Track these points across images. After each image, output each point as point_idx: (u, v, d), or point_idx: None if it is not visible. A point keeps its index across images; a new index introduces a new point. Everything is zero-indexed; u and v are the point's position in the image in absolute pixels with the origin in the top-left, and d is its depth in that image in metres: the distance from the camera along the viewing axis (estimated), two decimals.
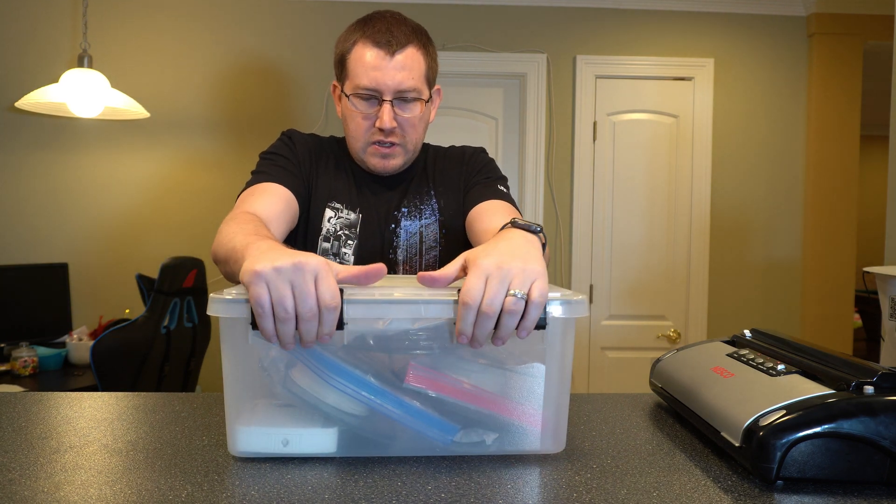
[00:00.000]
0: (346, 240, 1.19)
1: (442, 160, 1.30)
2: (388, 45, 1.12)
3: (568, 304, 0.74)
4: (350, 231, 1.20)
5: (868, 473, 0.68)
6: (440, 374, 0.76)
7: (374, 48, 1.13)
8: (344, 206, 1.21)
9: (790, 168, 3.16)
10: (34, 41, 2.95)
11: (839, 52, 3.09)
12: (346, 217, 1.20)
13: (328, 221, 1.19)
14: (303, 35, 3.03)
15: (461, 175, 1.27)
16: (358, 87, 1.14)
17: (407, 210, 1.23)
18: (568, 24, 3.08)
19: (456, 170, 1.28)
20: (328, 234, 1.19)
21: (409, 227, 1.22)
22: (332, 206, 1.21)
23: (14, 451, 0.77)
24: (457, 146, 1.34)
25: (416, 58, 1.15)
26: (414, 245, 1.21)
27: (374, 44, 1.13)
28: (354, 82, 1.15)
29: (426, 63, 1.18)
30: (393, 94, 1.14)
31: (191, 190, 3.01)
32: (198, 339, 2.71)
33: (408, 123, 1.17)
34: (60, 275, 2.90)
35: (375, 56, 1.13)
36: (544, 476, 0.72)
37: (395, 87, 1.14)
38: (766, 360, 0.83)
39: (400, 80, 1.13)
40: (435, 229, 1.23)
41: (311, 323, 0.67)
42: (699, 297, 3.12)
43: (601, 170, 3.11)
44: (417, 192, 1.25)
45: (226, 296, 0.71)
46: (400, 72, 1.13)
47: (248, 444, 0.75)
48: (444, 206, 1.24)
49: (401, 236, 1.21)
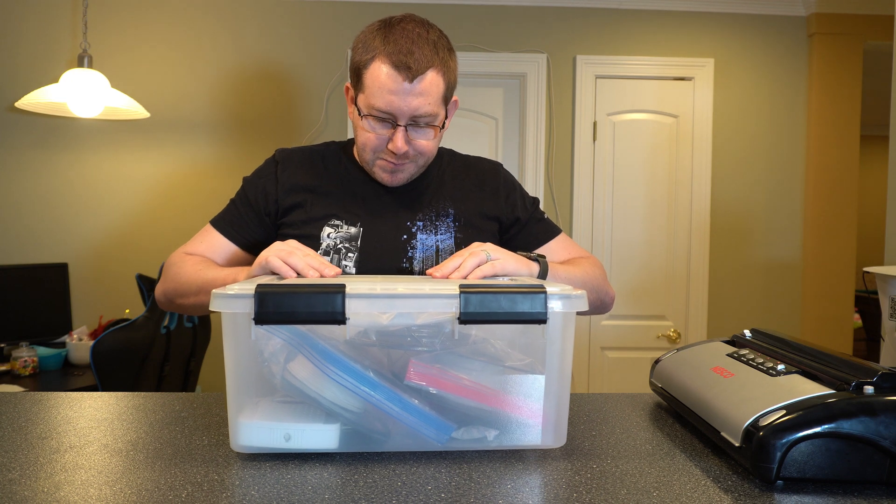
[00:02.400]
0: (346, 252, 1.18)
1: (461, 173, 1.30)
2: (407, 69, 1.08)
3: (568, 299, 0.74)
4: (350, 244, 1.19)
5: (868, 473, 0.68)
6: (441, 370, 0.76)
7: (393, 70, 1.08)
8: (343, 221, 1.20)
9: (790, 168, 3.16)
10: (34, 41, 2.95)
11: (839, 52, 3.09)
12: (345, 231, 1.19)
13: (328, 237, 1.19)
14: (302, 35, 3.03)
15: (494, 200, 1.28)
16: (373, 108, 1.11)
17: (422, 223, 1.22)
18: (568, 24, 3.08)
19: (480, 189, 1.28)
20: (328, 248, 1.18)
21: (425, 241, 1.21)
22: (331, 223, 1.20)
23: (14, 451, 0.77)
24: (471, 158, 1.33)
25: (436, 82, 1.11)
26: (430, 257, 1.20)
27: (392, 65, 1.08)
28: (370, 101, 1.11)
29: (445, 84, 1.14)
30: (408, 120, 1.12)
31: (191, 190, 3.01)
32: (198, 339, 2.71)
33: (420, 142, 1.16)
34: (60, 275, 2.90)
35: (394, 79, 1.08)
36: (544, 476, 0.72)
37: (411, 114, 1.11)
38: (766, 360, 0.83)
39: (416, 105, 1.10)
40: (451, 244, 1.22)
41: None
42: (699, 297, 3.12)
43: (601, 170, 3.11)
44: (433, 207, 1.24)
45: (228, 291, 0.72)
46: (417, 98, 1.10)
47: (250, 439, 0.75)
48: (462, 224, 1.24)
49: (417, 248, 1.21)
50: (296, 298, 0.71)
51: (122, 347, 2.31)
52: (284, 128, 3.03)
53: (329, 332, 0.75)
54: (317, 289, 0.72)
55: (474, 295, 0.73)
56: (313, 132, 3.00)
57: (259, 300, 0.71)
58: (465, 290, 0.73)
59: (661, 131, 3.12)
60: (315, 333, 0.75)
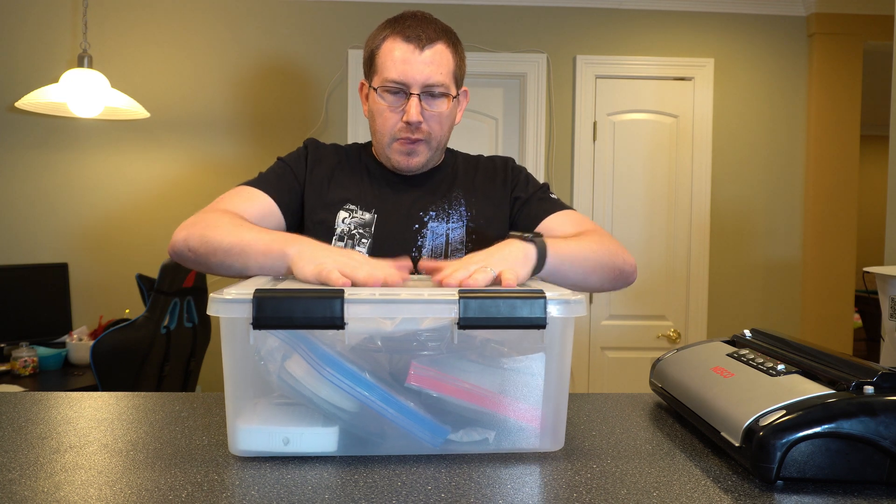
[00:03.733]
0: (360, 238, 1.20)
1: (472, 169, 1.32)
2: (417, 39, 1.15)
3: (566, 304, 0.74)
4: (364, 230, 1.20)
5: (868, 473, 0.68)
6: (441, 373, 0.76)
7: (404, 43, 1.15)
8: (358, 206, 1.22)
9: (790, 168, 3.16)
10: (34, 41, 2.95)
11: (839, 52, 3.09)
12: (360, 217, 1.21)
13: (342, 222, 1.20)
14: (302, 35, 3.03)
15: (503, 188, 1.29)
16: (386, 80, 1.16)
17: (434, 213, 1.24)
18: (568, 24, 3.08)
19: (491, 181, 1.30)
20: (342, 233, 1.20)
21: (435, 229, 1.23)
22: (347, 207, 1.22)
23: (14, 451, 0.77)
24: (483, 156, 1.36)
25: (445, 54, 1.18)
26: (440, 246, 1.22)
27: (403, 39, 1.15)
28: (383, 76, 1.16)
29: (455, 62, 1.20)
30: (421, 88, 1.15)
31: (191, 190, 3.01)
32: (198, 339, 2.71)
33: (434, 119, 1.18)
34: (60, 275, 2.90)
35: (404, 50, 1.15)
36: (544, 476, 0.72)
37: (423, 81, 1.15)
38: (766, 360, 0.83)
39: (428, 74, 1.15)
40: (461, 233, 1.23)
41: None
42: (699, 297, 3.12)
43: (601, 170, 3.11)
44: (446, 197, 1.26)
45: (226, 295, 0.71)
46: (428, 66, 1.15)
47: (249, 444, 0.75)
48: (474, 214, 1.25)
49: (427, 237, 1.22)
50: (294, 303, 0.71)
51: (122, 347, 2.31)
52: (284, 127, 3.03)
53: (332, 338, 0.75)
54: (315, 294, 0.72)
55: (473, 300, 0.72)
56: (313, 132, 3.00)
57: (257, 305, 0.70)
58: (465, 296, 0.73)
59: (661, 131, 3.12)
60: (316, 337, 0.75)
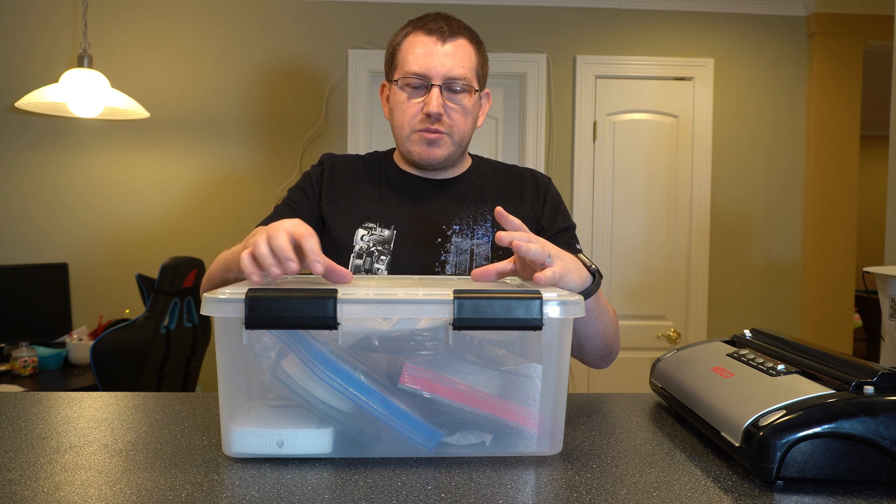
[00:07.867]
0: (378, 255, 1.17)
1: (503, 181, 1.28)
2: (439, 31, 1.14)
3: (565, 305, 0.74)
4: (383, 247, 1.18)
5: (868, 473, 0.68)
6: (436, 374, 0.75)
7: (426, 36, 1.15)
8: (377, 224, 1.20)
9: (790, 168, 3.16)
10: (34, 41, 2.95)
11: (839, 52, 3.09)
12: (379, 234, 1.19)
13: (361, 240, 1.18)
14: (303, 36, 3.03)
15: (532, 206, 1.25)
16: (408, 73, 1.15)
17: (458, 227, 1.21)
18: (568, 24, 3.08)
19: (519, 197, 1.25)
20: (361, 251, 1.17)
21: (460, 244, 1.20)
22: (366, 226, 1.20)
23: (14, 451, 0.77)
24: (518, 167, 1.32)
25: (467, 49, 1.17)
26: (464, 262, 1.19)
27: (425, 33, 1.15)
28: (404, 69, 1.16)
29: (478, 59, 1.20)
30: (442, 80, 1.14)
31: (190, 189, 3.01)
32: (198, 339, 2.71)
33: (456, 112, 1.17)
34: (60, 275, 2.90)
35: (426, 43, 1.15)
36: (544, 476, 0.72)
37: (445, 74, 1.14)
38: (766, 360, 0.83)
39: (450, 66, 1.14)
40: (486, 249, 1.21)
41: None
42: (699, 297, 3.12)
43: (601, 170, 3.11)
44: (471, 212, 1.23)
45: (219, 295, 0.71)
46: (450, 59, 1.14)
47: (243, 446, 0.74)
48: (500, 229, 1.22)
49: (451, 251, 1.20)
50: (287, 303, 0.70)
51: (122, 347, 2.31)
52: (285, 127, 3.03)
53: (327, 337, 0.74)
54: (308, 293, 0.71)
55: (468, 300, 0.71)
56: (313, 132, 3.00)
57: (249, 305, 0.70)
58: (459, 296, 0.71)
59: (661, 131, 3.12)
60: (312, 336, 0.74)
